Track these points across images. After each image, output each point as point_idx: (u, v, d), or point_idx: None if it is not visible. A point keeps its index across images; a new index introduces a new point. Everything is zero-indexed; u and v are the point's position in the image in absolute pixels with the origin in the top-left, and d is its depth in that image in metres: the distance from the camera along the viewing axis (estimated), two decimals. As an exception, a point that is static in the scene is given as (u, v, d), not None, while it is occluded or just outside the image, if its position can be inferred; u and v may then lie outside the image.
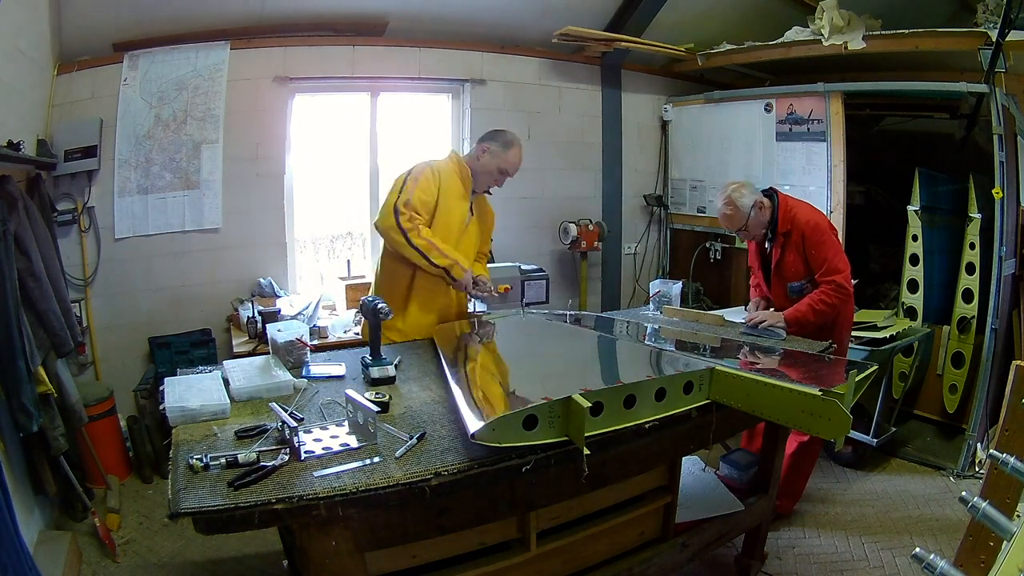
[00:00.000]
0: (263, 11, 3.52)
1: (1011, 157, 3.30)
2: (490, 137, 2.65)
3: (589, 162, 4.68)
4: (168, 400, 1.74)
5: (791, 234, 2.77)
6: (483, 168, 2.62)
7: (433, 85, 4.17)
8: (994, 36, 3.07)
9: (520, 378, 2.05)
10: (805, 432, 1.82)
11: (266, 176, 3.75)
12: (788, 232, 2.77)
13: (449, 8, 3.87)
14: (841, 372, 1.90)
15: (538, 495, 1.63)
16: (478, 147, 2.65)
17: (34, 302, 2.52)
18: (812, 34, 3.79)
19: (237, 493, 1.32)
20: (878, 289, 4.53)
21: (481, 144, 2.65)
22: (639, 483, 1.99)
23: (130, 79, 3.39)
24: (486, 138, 2.66)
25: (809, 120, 3.89)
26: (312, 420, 1.70)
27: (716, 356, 2.20)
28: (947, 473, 3.38)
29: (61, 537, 2.59)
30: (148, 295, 3.57)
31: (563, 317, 2.82)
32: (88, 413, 2.96)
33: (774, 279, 2.89)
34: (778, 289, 2.89)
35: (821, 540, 2.83)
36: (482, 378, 1.93)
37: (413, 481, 1.40)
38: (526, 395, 1.65)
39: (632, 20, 4.18)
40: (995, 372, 3.28)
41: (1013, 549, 0.98)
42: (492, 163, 2.61)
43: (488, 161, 2.61)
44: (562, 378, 1.96)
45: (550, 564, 1.84)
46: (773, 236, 2.81)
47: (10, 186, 2.49)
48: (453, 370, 1.93)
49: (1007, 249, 3.28)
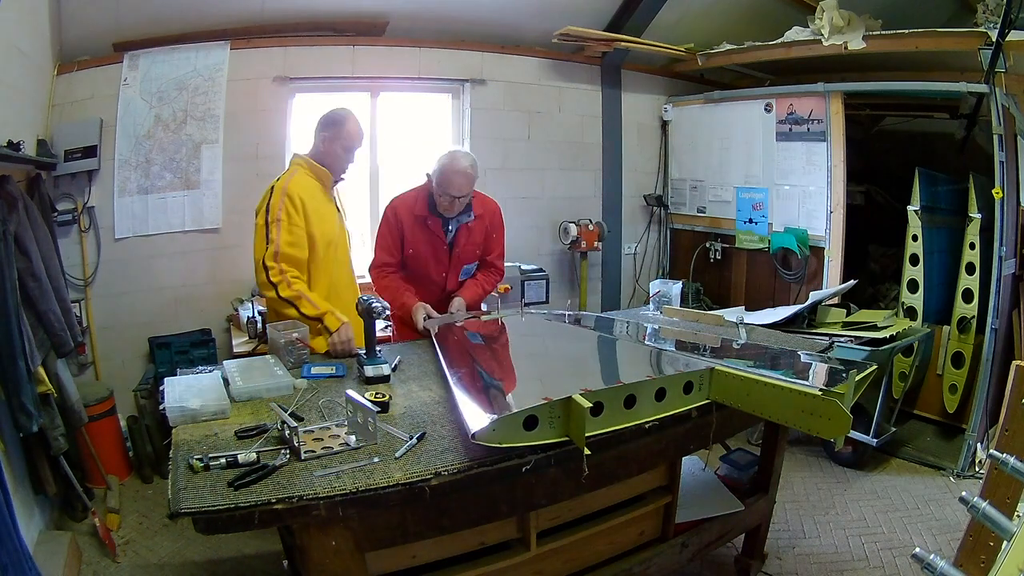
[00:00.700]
0: (263, 11, 3.52)
1: (1011, 157, 3.30)
2: (322, 125, 2.55)
3: (589, 162, 4.68)
4: (168, 400, 1.74)
5: (481, 217, 2.76)
6: (332, 155, 2.55)
7: (433, 85, 4.16)
8: (994, 36, 3.07)
9: (520, 378, 2.05)
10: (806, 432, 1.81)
11: (266, 176, 3.68)
12: (481, 215, 2.76)
13: (449, 8, 3.87)
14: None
15: (538, 495, 1.63)
16: (316, 139, 2.57)
17: (34, 302, 2.52)
18: (812, 34, 3.79)
19: (237, 493, 1.32)
20: (878, 289, 4.54)
21: (322, 133, 2.54)
22: (639, 483, 1.99)
23: (130, 79, 3.39)
24: (321, 125, 2.56)
25: (809, 120, 3.89)
26: (312, 420, 1.70)
27: (716, 356, 2.20)
28: (947, 473, 3.38)
29: (61, 537, 2.59)
30: (148, 295, 3.57)
31: (562, 317, 2.81)
32: (88, 413, 2.96)
33: (452, 262, 2.78)
34: (452, 274, 2.80)
35: (821, 540, 2.83)
36: (482, 378, 1.93)
37: (413, 481, 1.40)
38: (526, 395, 1.65)
39: (632, 20, 4.18)
40: (995, 372, 3.28)
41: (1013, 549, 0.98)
42: (336, 145, 2.53)
43: (332, 146, 2.53)
44: (562, 378, 1.96)
45: (550, 564, 1.84)
46: (461, 218, 2.72)
47: (10, 186, 2.49)
48: (453, 370, 1.93)
49: (1007, 249, 3.28)
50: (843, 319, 3.31)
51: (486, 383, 1.88)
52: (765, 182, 4.18)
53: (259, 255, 2.35)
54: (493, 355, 2.41)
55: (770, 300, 4.09)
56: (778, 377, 1.73)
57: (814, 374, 1.94)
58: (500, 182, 4.10)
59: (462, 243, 2.74)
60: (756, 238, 4.27)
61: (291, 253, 2.37)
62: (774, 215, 4.15)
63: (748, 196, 4.29)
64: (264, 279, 2.33)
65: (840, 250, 3.82)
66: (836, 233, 3.82)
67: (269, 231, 2.36)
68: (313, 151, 2.58)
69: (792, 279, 4.08)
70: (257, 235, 2.39)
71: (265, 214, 2.38)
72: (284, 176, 2.50)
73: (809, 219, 3.95)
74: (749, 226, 4.30)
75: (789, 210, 4.07)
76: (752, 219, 4.28)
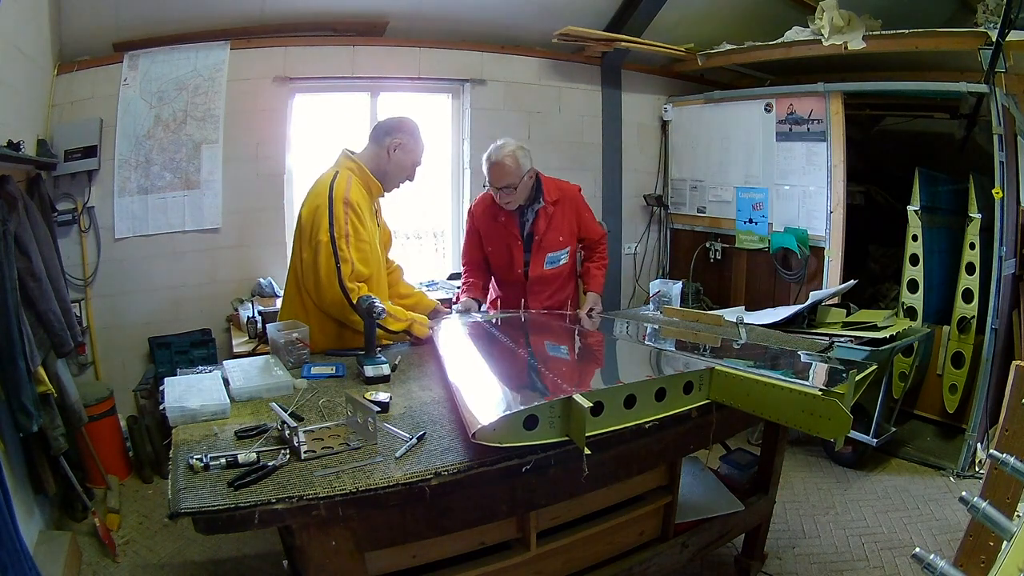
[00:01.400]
0: (263, 11, 3.52)
1: (1011, 157, 3.30)
2: (395, 128, 2.31)
3: (589, 162, 4.68)
4: (168, 400, 1.74)
5: (560, 202, 2.77)
6: (397, 166, 2.32)
7: (433, 85, 4.16)
8: (994, 36, 3.07)
9: (520, 378, 2.05)
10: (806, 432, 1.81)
11: (266, 176, 3.75)
12: (557, 201, 2.76)
13: (449, 8, 3.87)
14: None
15: (538, 495, 1.63)
16: (387, 142, 2.31)
17: (34, 302, 2.52)
18: (812, 34, 3.79)
19: (237, 493, 1.32)
20: (878, 289, 4.54)
21: (390, 139, 2.30)
22: (639, 483, 1.99)
23: (130, 79, 3.40)
24: (390, 130, 2.31)
25: (809, 120, 3.89)
26: (312, 420, 1.70)
27: (716, 356, 2.20)
28: (947, 473, 3.38)
29: (61, 537, 2.59)
30: (148, 295, 3.57)
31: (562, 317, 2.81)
32: (88, 413, 2.96)
33: (534, 252, 2.77)
34: (534, 265, 2.80)
35: (821, 540, 2.83)
36: (482, 378, 1.93)
37: (413, 481, 1.40)
38: (526, 395, 1.65)
39: (632, 20, 4.18)
40: (995, 372, 3.28)
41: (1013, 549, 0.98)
42: (407, 159, 2.32)
43: (402, 157, 2.31)
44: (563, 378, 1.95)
45: (550, 564, 1.84)
46: (534, 205, 2.74)
47: (10, 186, 2.49)
48: (453, 370, 1.92)
49: (1007, 249, 3.28)
50: (843, 319, 3.31)
51: (486, 383, 1.88)
52: (765, 182, 4.18)
53: (330, 275, 2.15)
54: (493, 355, 2.40)
55: (770, 300, 4.09)
56: (778, 377, 1.73)
57: (814, 374, 1.94)
58: (500, 182, 4.09)
59: (542, 231, 2.75)
60: (756, 238, 4.27)
61: (362, 271, 2.21)
62: (774, 215, 4.15)
63: (748, 196, 4.29)
64: (343, 300, 2.15)
65: (840, 250, 3.82)
66: (836, 233, 3.82)
67: (338, 247, 2.14)
68: (370, 157, 2.32)
69: (792, 279, 4.08)
70: (323, 252, 2.15)
71: (330, 229, 2.15)
72: (338, 181, 2.22)
73: (809, 219, 3.96)
74: (749, 226, 4.30)
75: (789, 210, 4.07)
76: (752, 219, 4.28)
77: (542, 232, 2.74)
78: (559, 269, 2.86)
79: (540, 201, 2.73)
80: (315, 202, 2.22)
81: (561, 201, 2.77)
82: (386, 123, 2.36)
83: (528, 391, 1.77)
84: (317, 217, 2.19)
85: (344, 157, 2.33)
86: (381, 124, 2.37)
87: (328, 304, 2.23)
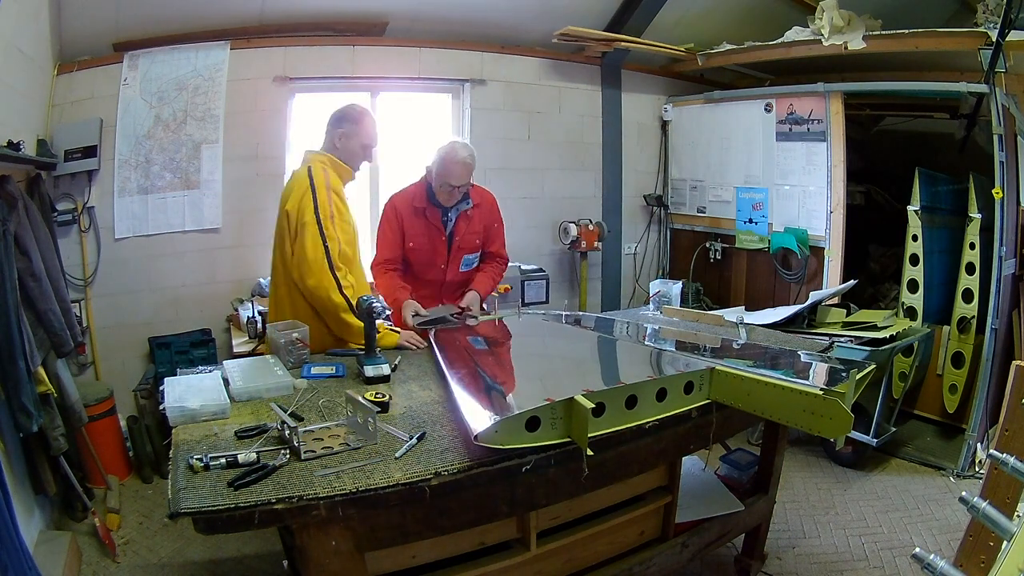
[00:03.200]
0: (263, 11, 3.52)
1: (1011, 157, 3.30)
2: (338, 120, 2.46)
3: (589, 162, 4.68)
4: (168, 400, 1.74)
5: (480, 207, 2.77)
6: (349, 152, 2.47)
7: (433, 85, 4.16)
8: (994, 36, 3.07)
9: (521, 379, 2.05)
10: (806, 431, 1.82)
11: (266, 176, 3.74)
12: (478, 205, 2.76)
13: (449, 8, 3.87)
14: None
15: (538, 495, 1.63)
16: (330, 136, 2.47)
17: (34, 302, 2.52)
18: (812, 34, 3.79)
19: (237, 493, 1.32)
20: (878, 289, 4.54)
21: (336, 131, 2.45)
22: (639, 483, 1.99)
23: (130, 79, 3.39)
24: (335, 123, 2.47)
25: (809, 120, 3.89)
26: (312, 420, 1.70)
27: (716, 356, 2.20)
28: (947, 473, 3.38)
29: (61, 537, 2.59)
30: (148, 295, 3.57)
31: (559, 318, 2.81)
32: (88, 413, 2.96)
33: (453, 252, 2.78)
34: (452, 265, 2.79)
35: (821, 540, 2.83)
36: (482, 379, 1.93)
37: (413, 481, 1.40)
38: (528, 396, 1.65)
39: (632, 20, 4.18)
40: (995, 372, 3.28)
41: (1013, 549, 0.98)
42: (354, 143, 2.46)
43: (350, 143, 2.46)
44: (563, 379, 1.96)
45: (550, 564, 1.84)
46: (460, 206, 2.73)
47: (10, 186, 2.49)
48: (453, 371, 1.92)
49: (1007, 249, 3.28)
50: (843, 319, 3.32)
51: (487, 384, 1.88)
52: (765, 182, 4.18)
53: (317, 254, 2.23)
54: (493, 356, 2.41)
55: (770, 300, 4.09)
56: (778, 377, 1.73)
57: (814, 374, 1.94)
58: (500, 182, 4.09)
59: (462, 232, 2.75)
60: (756, 238, 4.27)
61: (347, 252, 2.31)
62: (774, 215, 4.16)
63: (748, 196, 4.29)
64: (332, 283, 2.23)
65: (840, 250, 3.82)
66: (836, 233, 3.82)
67: (323, 227, 2.24)
68: (329, 149, 2.48)
69: (792, 279, 4.08)
70: (309, 233, 2.25)
71: (315, 211, 2.25)
72: (316, 171, 2.35)
73: (809, 219, 3.96)
74: (749, 226, 4.30)
75: (789, 210, 4.07)
76: (752, 219, 4.28)
77: (462, 234, 2.75)
78: (470, 273, 2.88)
79: (469, 203, 2.73)
80: (298, 192, 2.33)
81: (480, 206, 2.79)
82: (331, 117, 2.50)
83: (527, 392, 1.77)
84: (302, 204, 2.29)
85: (309, 154, 2.47)
86: (329, 118, 2.51)
87: (314, 288, 2.27)
